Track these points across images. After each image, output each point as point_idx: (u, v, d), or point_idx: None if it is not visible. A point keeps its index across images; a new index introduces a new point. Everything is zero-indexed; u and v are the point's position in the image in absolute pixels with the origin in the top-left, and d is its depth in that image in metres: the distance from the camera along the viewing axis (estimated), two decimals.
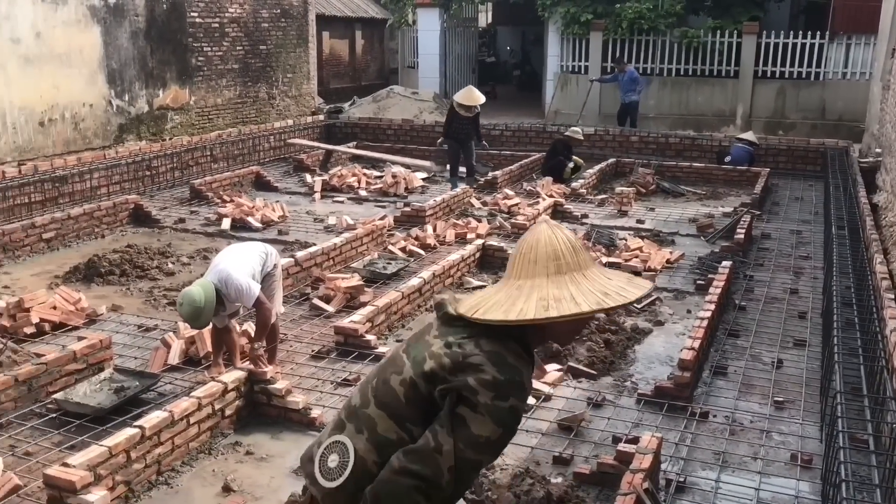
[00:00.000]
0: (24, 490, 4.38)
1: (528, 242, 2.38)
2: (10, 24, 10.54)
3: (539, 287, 2.29)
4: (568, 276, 2.29)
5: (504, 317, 2.25)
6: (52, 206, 10.38)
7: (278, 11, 15.94)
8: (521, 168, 13.55)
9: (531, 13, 19.82)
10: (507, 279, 2.39)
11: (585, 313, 2.24)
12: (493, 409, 2.20)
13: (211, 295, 5.34)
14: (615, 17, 17.87)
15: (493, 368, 2.23)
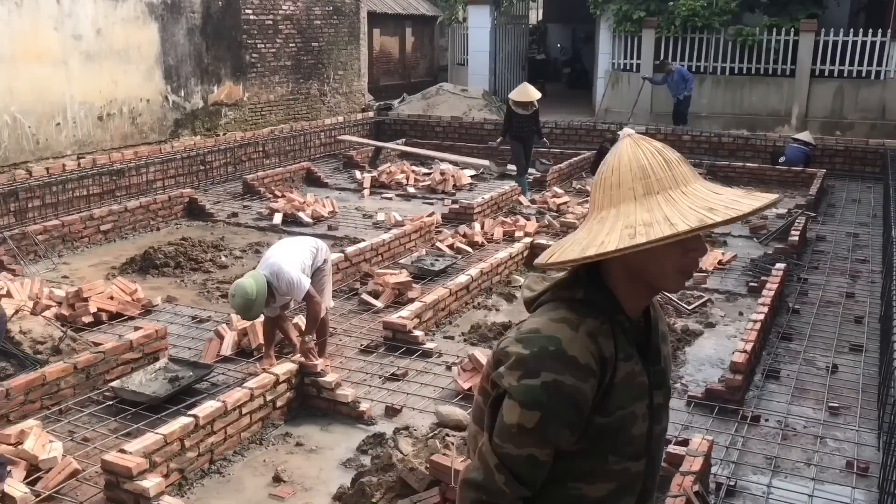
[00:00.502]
0: (83, 474, 4.51)
1: (609, 164, 1.89)
2: (72, 21, 10.81)
3: (626, 214, 1.79)
4: (661, 196, 1.80)
5: (580, 254, 1.78)
6: (110, 199, 10.64)
7: (331, 9, 16.08)
8: (571, 166, 13.47)
9: (582, 10, 19.65)
10: (590, 213, 1.90)
11: (683, 233, 1.71)
12: (521, 390, 1.76)
13: (263, 287, 5.42)
14: (668, 15, 17.63)
15: (519, 345, 1.81)
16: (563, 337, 1.78)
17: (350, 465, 4.74)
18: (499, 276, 8.01)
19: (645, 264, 1.81)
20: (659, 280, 1.85)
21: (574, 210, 10.45)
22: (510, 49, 21.72)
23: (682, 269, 1.84)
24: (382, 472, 4.22)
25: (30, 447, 4.55)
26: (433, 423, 5.07)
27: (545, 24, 29.26)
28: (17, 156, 10.22)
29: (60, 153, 10.76)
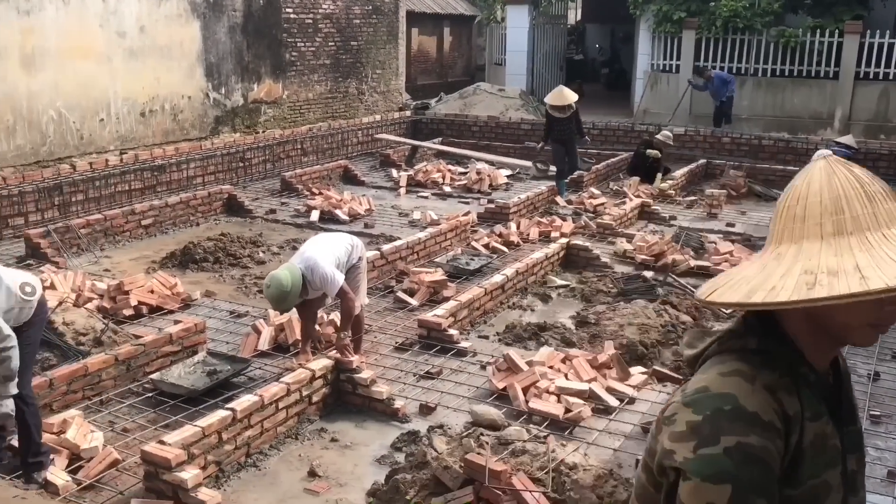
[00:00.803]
0: (122, 464, 4.59)
1: (795, 190, 1.55)
2: (116, 18, 11.00)
3: (808, 255, 1.48)
4: (855, 238, 1.46)
5: (744, 298, 1.48)
6: (151, 194, 10.81)
7: (370, 8, 16.16)
8: (608, 167, 13.38)
9: (622, 10, 19.51)
10: (767, 246, 1.60)
11: (876, 292, 1.37)
12: (700, 463, 1.45)
13: (298, 280, 5.47)
14: (709, 16, 17.43)
15: (687, 410, 1.51)
16: (739, 392, 1.49)
17: (384, 461, 4.76)
18: (534, 277, 7.99)
19: (829, 314, 1.50)
20: (843, 333, 1.54)
21: (611, 211, 10.38)
22: (548, 49, 21.64)
23: (874, 322, 1.52)
24: (417, 469, 4.23)
25: (72, 436, 4.64)
26: (467, 421, 5.08)
27: (584, 25, 29.09)
28: (61, 150, 10.43)
29: (104, 148, 10.96)
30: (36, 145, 10.12)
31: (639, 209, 10.81)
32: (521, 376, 5.56)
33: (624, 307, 6.88)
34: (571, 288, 7.93)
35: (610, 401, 5.46)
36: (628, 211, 10.46)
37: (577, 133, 11.80)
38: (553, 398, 5.40)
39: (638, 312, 6.68)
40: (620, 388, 5.62)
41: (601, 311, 6.97)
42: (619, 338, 6.32)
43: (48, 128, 10.25)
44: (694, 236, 9.32)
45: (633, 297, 7.33)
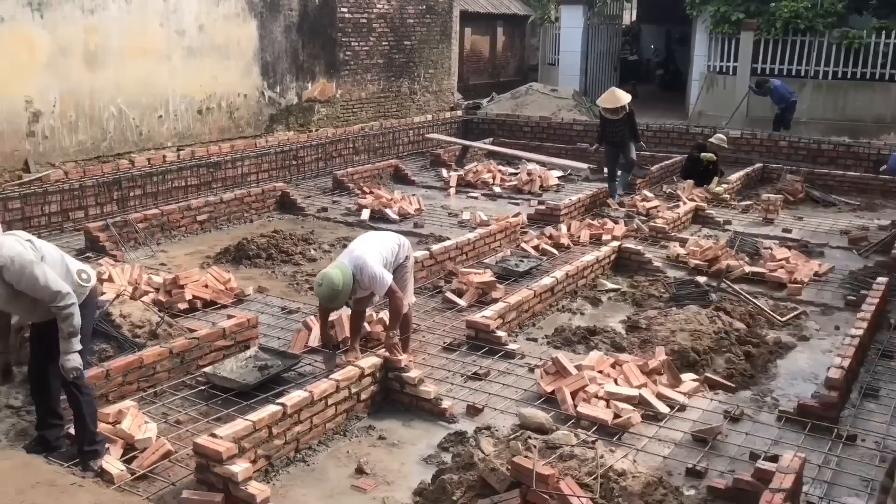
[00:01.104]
0: (175, 456, 4.68)
1: None
2: (176, 17, 11.22)
3: None
4: None
5: None
6: (206, 190, 11.00)
7: (423, 8, 16.20)
8: (662, 170, 13.21)
9: (678, 11, 19.25)
10: None
11: None
12: None
13: (348, 278, 5.52)
14: (769, 17, 17.08)
15: None
16: None
17: (431, 461, 4.77)
18: (584, 280, 7.93)
19: None
20: None
21: (664, 214, 10.24)
22: (602, 49, 21.45)
23: None
24: (463, 470, 4.23)
25: (127, 427, 4.75)
26: (515, 424, 5.06)
27: (639, 25, 28.79)
28: (121, 146, 10.68)
29: (161, 144, 11.19)
30: (97, 141, 10.38)
31: (692, 213, 10.64)
32: (570, 380, 5.52)
33: (676, 313, 6.78)
34: (622, 292, 7.84)
35: (660, 407, 5.39)
36: (682, 214, 10.31)
37: (632, 137, 11.47)
38: (602, 403, 5.35)
39: (690, 318, 6.58)
40: (671, 395, 5.54)
41: (652, 316, 6.89)
42: (670, 343, 6.23)
43: (109, 124, 10.50)
44: (749, 242, 9.15)
45: (685, 302, 7.23)
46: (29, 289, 4.25)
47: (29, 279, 4.22)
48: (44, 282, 4.24)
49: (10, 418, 5.07)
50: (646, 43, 28.05)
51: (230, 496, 4.14)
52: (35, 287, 4.24)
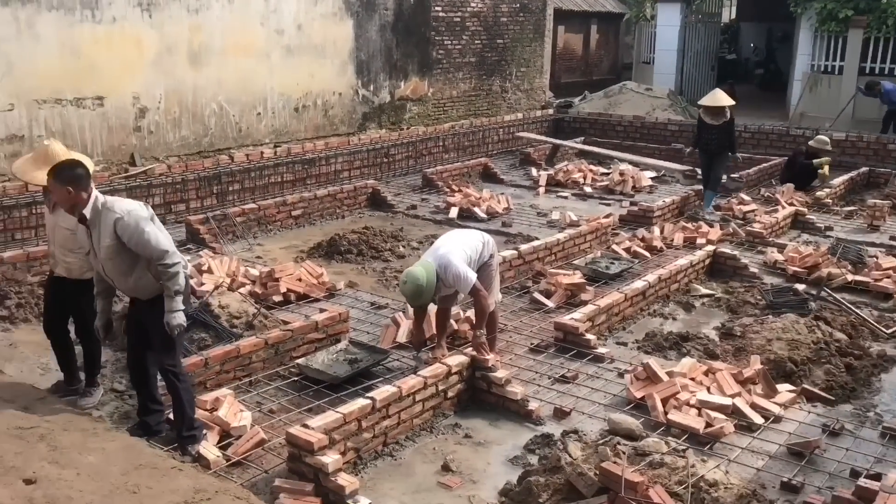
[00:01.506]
0: (268, 444, 4.81)
1: None
2: (276, 16, 11.52)
3: None
4: None
5: None
6: (301, 186, 11.27)
7: (517, 6, 16.15)
8: (760, 172, 12.80)
9: (781, 8, 18.61)
10: None
11: None
12: None
13: (433, 277, 5.55)
14: (879, 14, 16.33)
15: None
16: None
17: (517, 462, 4.77)
18: (677, 284, 7.76)
19: None
20: None
21: (761, 219, 9.92)
22: (699, 48, 20.95)
23: None
24: (550, 473, 4.21)
25: (223, 414, 4.92)
26: (603, 429, 5.00)
27: (738, 23, 27.94)
28: (221, 142, 11.04)
29: (259, 141, 11.51)
30: (199, 136, 10.76)
31: (792, 218, 10.28)
32: (661, 387, 5.42)
33: (773, 321, 6.57)
34: (717, 298, 7.65)
35: (754, 418, 5.24)
36: (780, 219, 9.97)
37: (728, 147, 10.75)
38: (693, 411, 5.23)
39: (788, 327, 6.36)
40: (766, 406, 5.38)
41: (748, 324, 6.69)
42: (766, 352, 6.04)
43: (210, 120, 10.87)
44: (852, 249, 8.77)
45: (782, 310, 6.99)
46: (139, 244, 4.42)
47: (140, 235, 4.41)
48: (155, 240, 4.43)
49: (114, 401, 5.33)
50: (745, 41, 27.20)
51: (320, 486, 4.24)
52: (145, 243, 4.42)
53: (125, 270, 4.55)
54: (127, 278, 4.59)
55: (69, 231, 4.95)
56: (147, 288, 4.62)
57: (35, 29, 8.92)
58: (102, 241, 4.47)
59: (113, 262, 4.53)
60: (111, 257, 4.50)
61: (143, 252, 4.47)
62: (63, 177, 4.47)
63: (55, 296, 5.28)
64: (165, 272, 4.50)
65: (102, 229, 4.46)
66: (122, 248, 4.47)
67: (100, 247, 4.50)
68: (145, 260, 4.52)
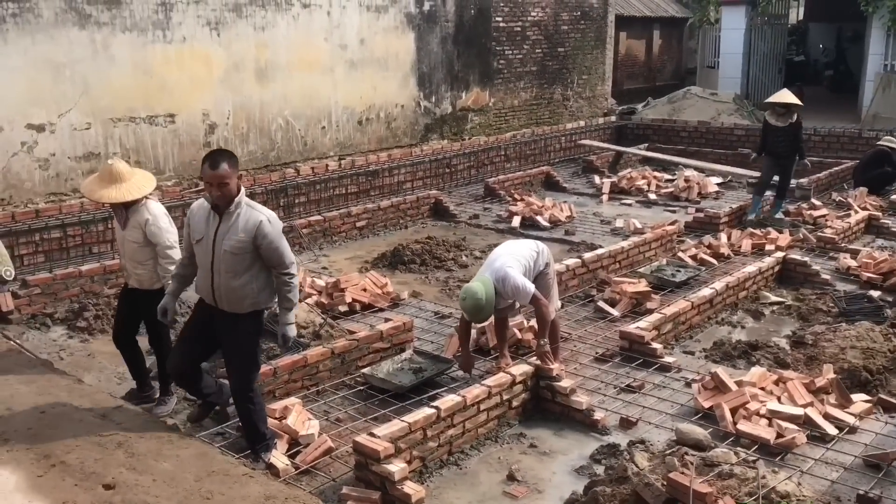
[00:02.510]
0: (335, 453, 4.89)
1: None
2: (339, 31, 11.74)
3: None
4: None
5: None
6: (365, 198, 11.42)
7: (578, 14, 16.10)
8: (831, 176, 12.47)
9: (851, 8, 18.11)
10: None
11: None
12: None
13: (491, 292, 5.56)
14: None
15: None
16: None
17: (582, 472, 4.74)
18: (746, 292, 7.61)
19: None
20: None
21: (833, 224, 9.66)
22: (766, 50, 20.53)
23: None
24: (616, 483, 4.17)
25: (292, 423, 5.01)
26: (670, 439, 4.94)
27: (806, 24, 27.30)
28: (287, 156, 11.28)
29: (324, 154, 11.72)
30: (265, 151, 11.02)
31: (865, 222, 9.98)
32: (730, 396, 5.32)
33: (846, 329, 6.38)
34: (787, 305, 7.47)
35: (828, 428, 5.10)
36: (853, 224, 9.68)
37: (797, 151, 10.44)
38: (764, 421, 5.12)
39: (862, 335, 6.18)
40: (840, 416, 5.23)
41: (820, 332, 6.51)
42: (839, 361, 5.88)
43: (276, 135, 11.12)
44: None
45: (856, 318, 6.80)
46: (274, 250, 4.52)
47: (279, 241, 4.54)
48: (287, 250, 4.61)
49: (187, 409, 5.48)
50: (814, 42, 26.54)
51: (387, 494, 4.29)
52: (281, 250, 4.55)
53: (239, 271, 4.53)
54: (236, 279, 4.54)
55: (136, 245, 5.18)
56: (246, 297, 4.59)
57: (110, 50, 9.28)
58: (233, 235, 4.48)
59: (234, 259, 4.50)
60: (236, 252, 4.49)
61: (273, 258, 4.55)
62: (236, 163, 4.56)
63: (127, 307, 5.47)
64: (288, 283, 4.61)
65: (240, 224, 4.48)
66: (250, 250, 4.51)
67: (225, 240, 4.49)
68: (261, 266, 4.57)
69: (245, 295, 4.58)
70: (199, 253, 4.65)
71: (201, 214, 4.62)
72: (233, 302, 4.60)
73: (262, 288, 4.62)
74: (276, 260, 4.55)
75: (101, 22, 9.17)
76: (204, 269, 4.64)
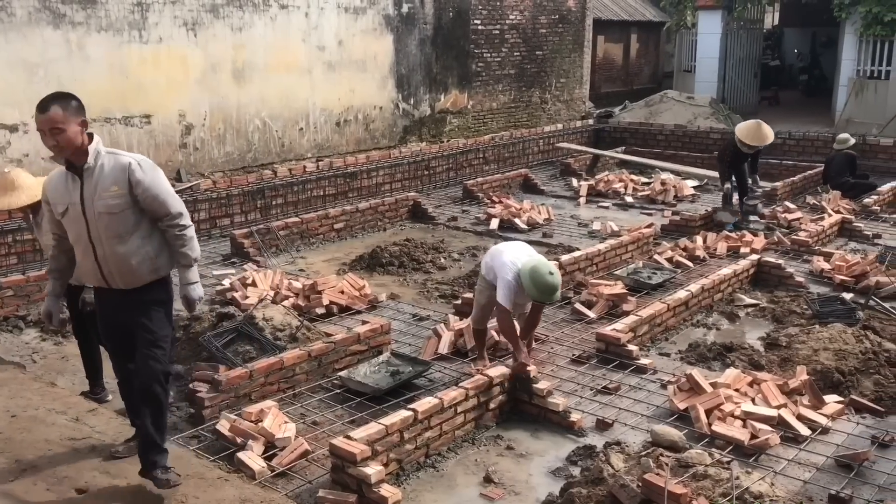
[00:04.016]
0: (312, 455, 4.87)
1: None
2: (317, 33, 11.72)
3: None
4: None
5: None
6: (343, 200, 11.40)
7: (556, 17, 16.18)
8: (805, 180, 12.61)
9: (824, 13, 18.34)
10: None
11: None
12: None
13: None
14: None
15: None
16: None
17: (559, 474, 4.76)
18: (721, 294, 7.68)
19: None
20: None
21: (807, 227, 9.77)
22: (742, 55, 20.72)
23: None
24: (592, 485, 4.19)
25: (268, 425, 4.99)
26: (646, 440, 4.96)
27: (781, 29, 27.60)
28: (264, 157, 11.24)
29: (302, 155, 11.69)
30: (242, 152, 10.97)
31: (839, 225, 10.10)
32: (705, 398, 5.37)
33: (819, 331, 6.46)
34: (761, 307, 7.55)
35: (801, 429, 5.16)
36: (827, 227, 9.80)
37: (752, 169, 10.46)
38: (738, 423, 5.17)
39: (835, 337, 6.25)
40: (813, 417, 5.29)
41: (793, 334, 6.59)
42: (812, 363, 5.95)
43: (253, 136, 11.08)
44: None
45: (829, 320, 6.88)
46: (156, 198, 3.83)
47: (160, 184, 3.86)
48: (173, 193, 3.94)
49: None
50: (789, 47, 26.84)
51: (363, 497, 4.28)
52: (164, 195, 3.86)
53: (124, 234, 3.83)
54: (122, 243, 3.82)
55: None
56: (142, 265, 3.88)
57: (85, 50, 9.20)
58: (103, 191, 3.78)
59: (113, 220, 3.80)
60: (114, 211, 3.78)
61: (155, 206, 3.84)
62: (75, 107, 3.77)
63: (73, 304, 5.30)
64: (182, 235, 3.92)
65: (107, 176, 3.79)
66: (130, 203, 3.81)
67: (96, 200, 3.78)
68: (149, 222, 3.89)
69: (140, 262, 3.87)
70: (70, 228, 3.90)
71: (58, 182, 3.90)
72: (126, 274, 3.88)
73: (158, 250, 3.93)
74: (160, 208, 3.85)
75: (75, 21, 9.09)
76: (81, 244, 3.88)
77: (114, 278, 3.90)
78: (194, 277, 4.01)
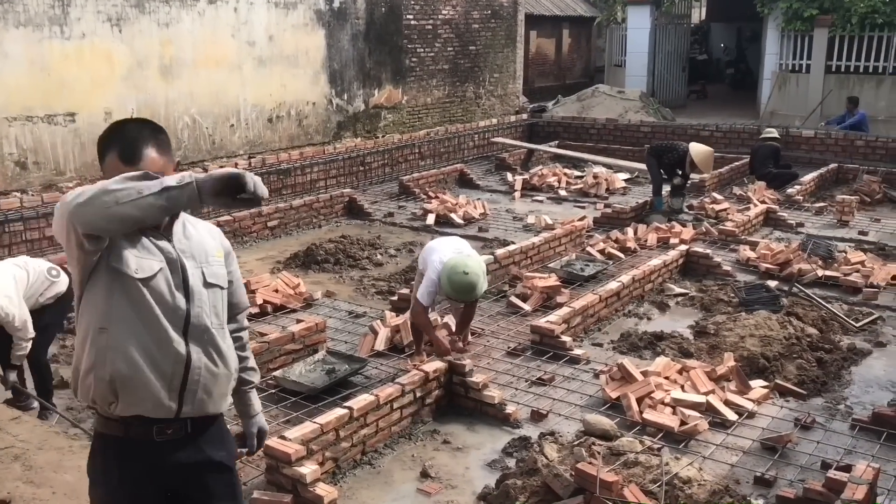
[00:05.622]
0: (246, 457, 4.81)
1: None
2: (247, 28, 11.54)
3: None
4: None
5: None
6: (276, 197, 11.25)
7: (489, 12, 16.26)
8: (731, 171, 12.96)
9: (748, 9, 18.87)
10: None
11: None
12: None
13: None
14: (843, 13, 16.60)
15: None
16: None
17: (495, 466, 4.80)
18: (651, 284, 7.85)
19: None
20: None
21: (734, 217, 10.05)
22: (670, 49, 21.18)
23: None
24: (527, 475, 4.25)
25: None
26: (579, 430, 5.05)
27: (708, 24, 28.29)
28: (195, 154, 11.03)
29: (234, 153, 11.51)
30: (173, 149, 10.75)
31: (764, 215, 10.42)
32: (636, 386, 5.48)
33: (745, 318, 6.66)
34: (690, 296, 7.74)
35: (728, 414, 5.31)
36: (752, 217, 10.10)
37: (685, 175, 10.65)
38: (668, 410, 5.30)
39: (760, 324, 6.45)
40: (739, 402, 5.45)
41: (721, 322, 6.77)
42: (739, 349, 6.13)
43: (183, 133, 10.86)
44: (822, 245, 8.90)
45: (755, 307, 7.09)
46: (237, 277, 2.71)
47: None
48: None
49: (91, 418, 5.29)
50: (716, 42, 27.54)
51: (299, 497, 4.25)
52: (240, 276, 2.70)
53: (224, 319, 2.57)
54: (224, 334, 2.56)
55: None
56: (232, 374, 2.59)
57: (2, 46, 8.89)
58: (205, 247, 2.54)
59: (218, 298, 2.53)
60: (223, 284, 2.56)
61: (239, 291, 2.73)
62: (168, 144, 2.57)
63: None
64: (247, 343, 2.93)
65: (201, 229, 2.59)
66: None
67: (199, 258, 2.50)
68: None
69: (233, 369, 2.58)
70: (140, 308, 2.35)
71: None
72: (221, 388, 2.53)
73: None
74: (241, 295, 2.75)
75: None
76: (161, 342, 2.36)
77: (195, 402, 2.45)
78: (259, 403, 2.92)
